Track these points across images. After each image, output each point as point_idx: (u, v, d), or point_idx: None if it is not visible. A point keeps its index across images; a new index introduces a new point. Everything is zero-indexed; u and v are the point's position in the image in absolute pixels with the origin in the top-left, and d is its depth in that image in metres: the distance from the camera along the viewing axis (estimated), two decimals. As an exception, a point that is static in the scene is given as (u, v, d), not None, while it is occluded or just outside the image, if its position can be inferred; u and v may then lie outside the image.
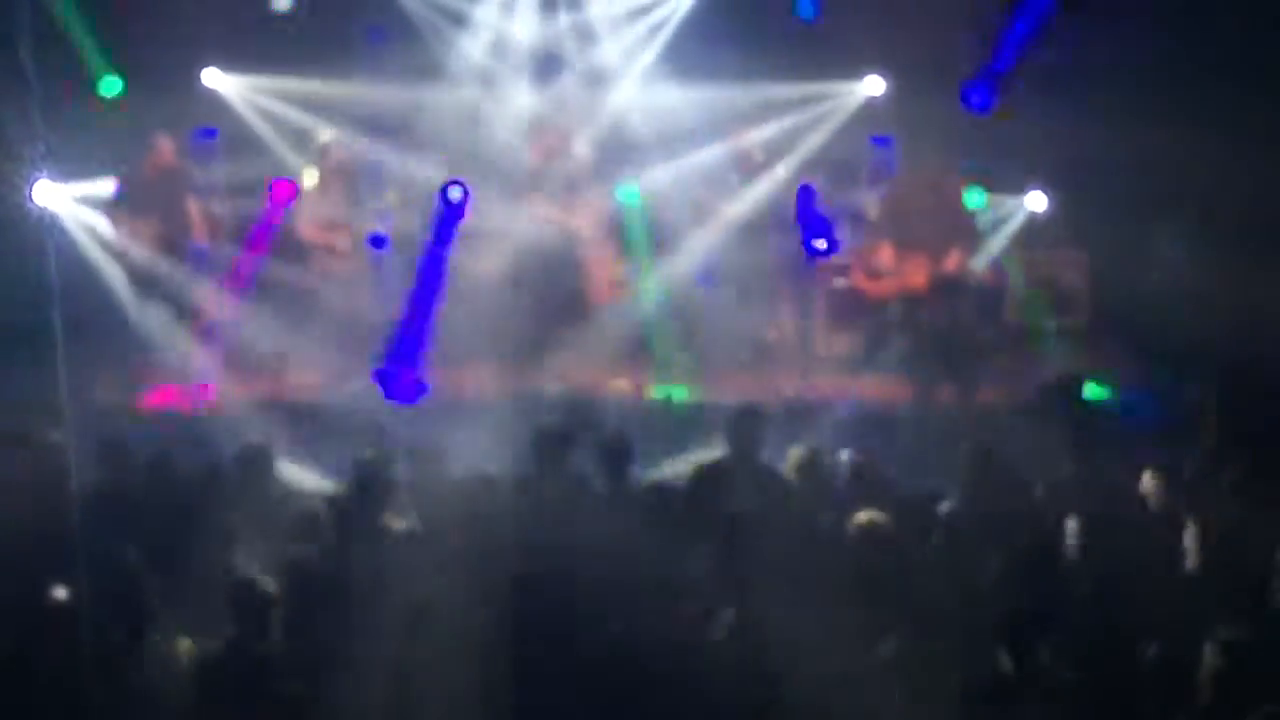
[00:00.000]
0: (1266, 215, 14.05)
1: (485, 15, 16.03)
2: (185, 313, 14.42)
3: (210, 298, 14.67)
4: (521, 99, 15.86)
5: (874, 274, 14.22)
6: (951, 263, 13.90)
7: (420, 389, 14.30)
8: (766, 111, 15.93)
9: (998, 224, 15.59)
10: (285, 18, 16.05)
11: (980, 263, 15.26)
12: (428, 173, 15.32)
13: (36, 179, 14.52)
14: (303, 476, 11.21)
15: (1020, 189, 15.67)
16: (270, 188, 14.94)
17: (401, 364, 14.50)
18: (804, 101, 16.04)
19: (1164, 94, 14.70)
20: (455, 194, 14.71)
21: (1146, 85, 15.01)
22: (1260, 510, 9.24)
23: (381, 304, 14.97)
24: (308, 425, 13.42)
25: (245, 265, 14.92)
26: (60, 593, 8.20)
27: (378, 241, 15.09)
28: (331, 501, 9.85)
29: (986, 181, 15.66)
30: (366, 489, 9.78)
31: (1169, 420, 13.29)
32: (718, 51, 16.63)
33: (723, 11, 16.48)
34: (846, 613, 7.87)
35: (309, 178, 15.07)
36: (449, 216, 14.71)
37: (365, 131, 15.66)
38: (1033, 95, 15.78)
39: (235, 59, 15.84)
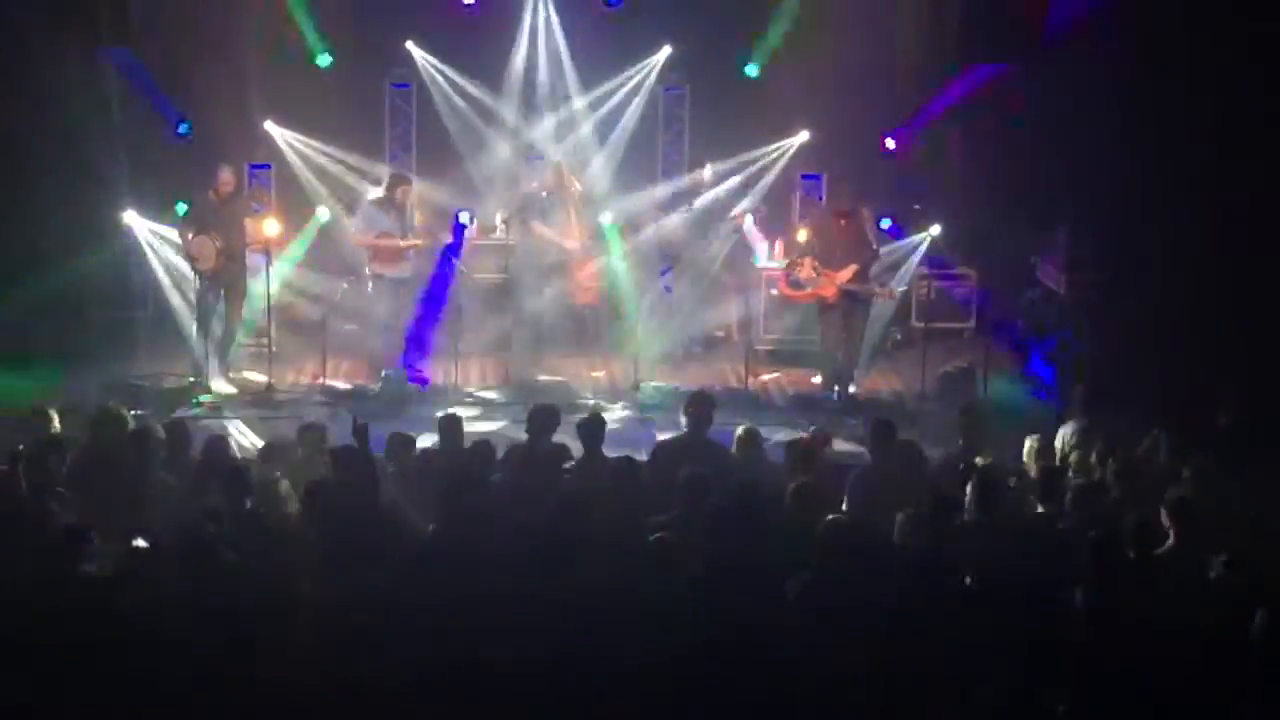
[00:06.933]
0: (1128, 232, 14.03)
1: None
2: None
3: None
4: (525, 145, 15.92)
5: (796, 285, 14.13)
6: (843, 276, 13.82)
7: (423, 382, 14.14)
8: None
9: (908, 249, 15.49)
10: (326, 72, 16.06)
11: (900, 281, 15.19)
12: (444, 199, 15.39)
13: (124, 208, 14.50)
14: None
15: (924, 219, 15.61)
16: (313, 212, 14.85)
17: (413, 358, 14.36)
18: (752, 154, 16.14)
19: (1042, 139, 14.75)
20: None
21: (1026, 134, 15.07)
22: (1123, 477, 9.27)
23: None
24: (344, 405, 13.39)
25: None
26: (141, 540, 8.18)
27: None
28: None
29: (897, 212, 15.70)
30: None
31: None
32: (679, 106, 16.78)
33: (680, 70, 16.57)
34: (776, 554, 7.88)
35: (372, 192, 14.86)
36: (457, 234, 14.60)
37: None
38: (936, 142, 15.82)
39: (284, 107, 15.79)
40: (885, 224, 15.45)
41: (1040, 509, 8.98)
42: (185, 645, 6.92)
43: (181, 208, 14.34)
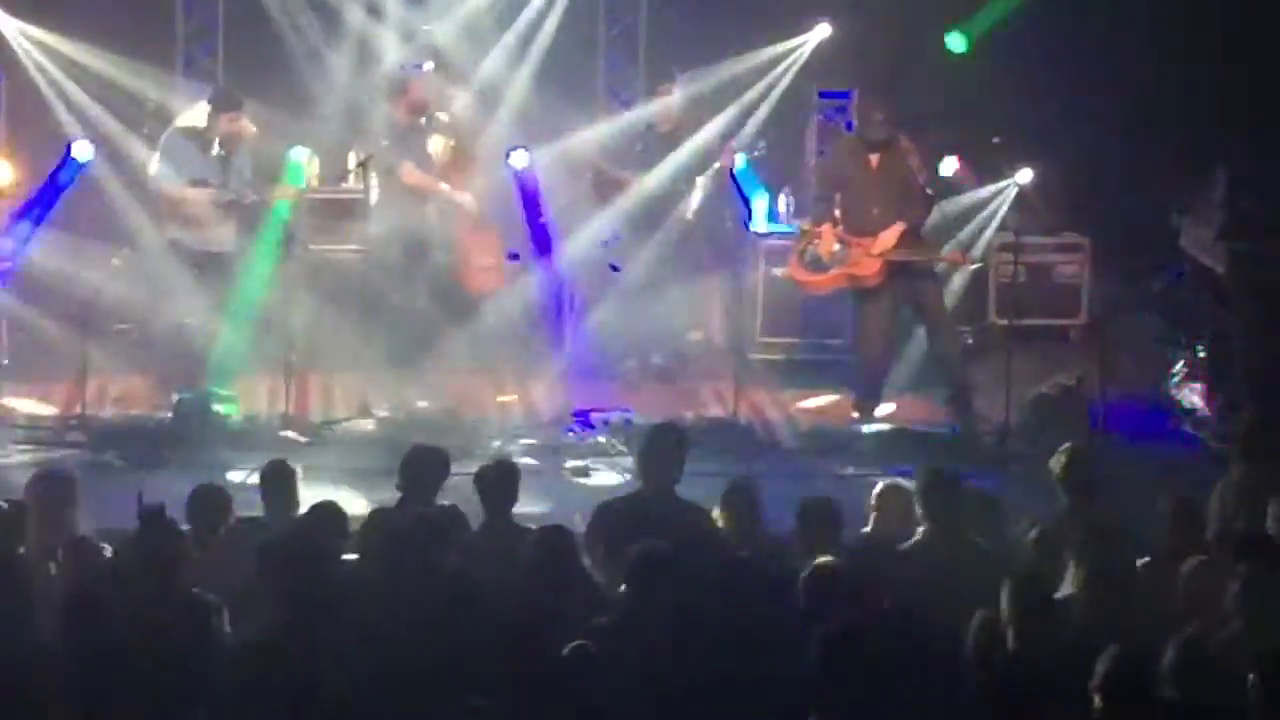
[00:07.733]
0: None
1: None
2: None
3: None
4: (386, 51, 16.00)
5: (815, 266, 14.12)
6: (885, 242, 13.80)
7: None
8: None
9: (985, 205, 15.57)
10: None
11: (976, 251, 15.27)
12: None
13: None
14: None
15: (1008, 159, 15.64)
16: (66, 149, 14.80)
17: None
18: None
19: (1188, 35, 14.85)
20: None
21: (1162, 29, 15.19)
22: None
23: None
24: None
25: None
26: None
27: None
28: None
29: (966, 147, 15.76)
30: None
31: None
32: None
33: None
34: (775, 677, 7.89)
35: (182, 118, 14.95)
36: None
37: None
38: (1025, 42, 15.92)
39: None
40: (949, 166, 15.47)
41: (1183, 606, 9.00)
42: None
43: None
